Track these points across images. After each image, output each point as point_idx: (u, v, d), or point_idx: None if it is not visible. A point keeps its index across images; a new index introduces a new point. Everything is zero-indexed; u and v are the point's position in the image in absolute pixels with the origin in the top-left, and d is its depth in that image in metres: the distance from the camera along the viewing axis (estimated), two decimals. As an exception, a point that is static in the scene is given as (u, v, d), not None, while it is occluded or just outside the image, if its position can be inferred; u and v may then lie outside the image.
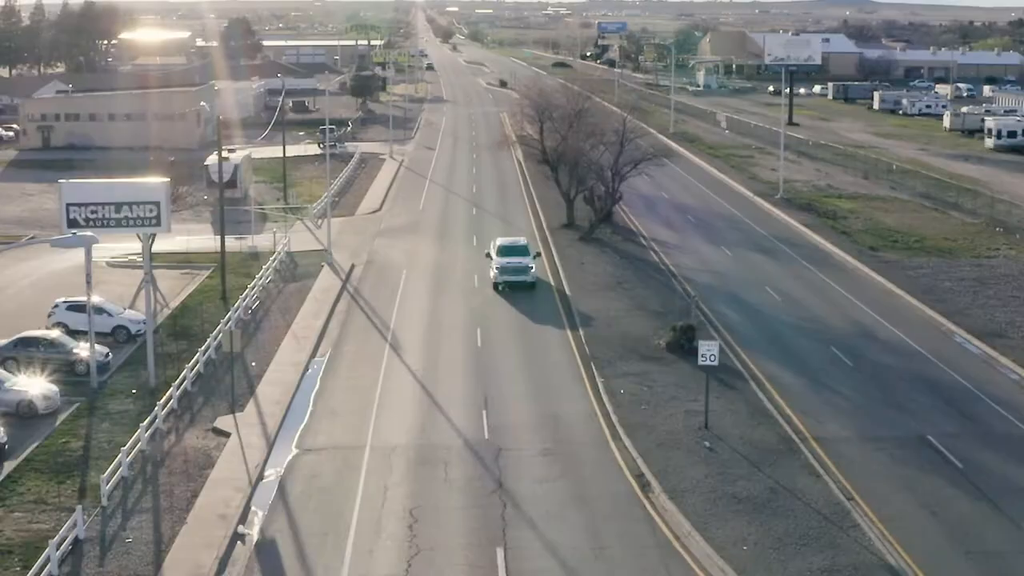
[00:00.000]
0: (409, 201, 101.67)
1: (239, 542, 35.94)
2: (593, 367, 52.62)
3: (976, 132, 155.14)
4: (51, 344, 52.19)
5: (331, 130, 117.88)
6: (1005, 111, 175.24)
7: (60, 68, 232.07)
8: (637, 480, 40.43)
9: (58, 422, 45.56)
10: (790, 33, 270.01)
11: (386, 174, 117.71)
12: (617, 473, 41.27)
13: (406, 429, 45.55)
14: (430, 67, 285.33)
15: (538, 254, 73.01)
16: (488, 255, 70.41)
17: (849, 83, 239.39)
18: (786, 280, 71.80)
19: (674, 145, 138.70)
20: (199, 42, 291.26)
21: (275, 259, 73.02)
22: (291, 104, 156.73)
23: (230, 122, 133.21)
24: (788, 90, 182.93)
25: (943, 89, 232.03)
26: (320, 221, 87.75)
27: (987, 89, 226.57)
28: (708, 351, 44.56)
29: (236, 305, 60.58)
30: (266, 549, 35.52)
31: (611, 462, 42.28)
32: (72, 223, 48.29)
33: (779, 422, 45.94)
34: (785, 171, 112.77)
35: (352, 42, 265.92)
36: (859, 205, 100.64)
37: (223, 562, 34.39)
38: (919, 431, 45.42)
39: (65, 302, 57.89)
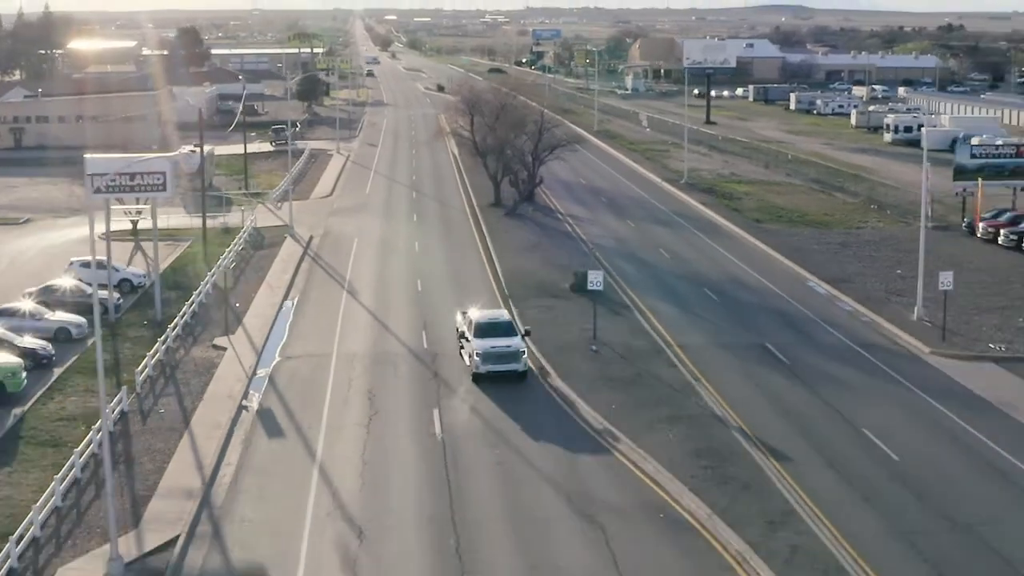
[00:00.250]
0: (357, 188, 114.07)
1: (244, 410, 48.67)
2: (511, 302, 65.66)
3: (879, 128, 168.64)
4: (71, 290, 64.27)
5: (282, 129, 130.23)
6: (908, 109, 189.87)
7: (16, 76, 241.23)
8: (539, 371, 53.54)
9: (89, 343, 57.78)
10: (717, 39, 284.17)
11: (335, 166, 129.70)
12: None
13: (363, 343, 58.52)
14: (370, 74, 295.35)
15: (527, 332, 55.88)
16: (462, 335, 55.03)
17: (769, 86, 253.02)
18: (677, 244, 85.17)
19: (592, 138, 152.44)
20: (145, 51, 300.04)
21: (245, 231, 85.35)
22: (241, 107, 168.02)
23: (187, 124, 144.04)
24: (707, 91, 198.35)
25: (860, 91, 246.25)
26: (280, 204, 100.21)
27: (902, 90, 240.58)
28: (595, 278, 57.91)
29: (219, 263, 72.85)
30: (264, 414, 48.33)
31: (521, 361, 55.36)
32: (95, 190, 60.24)
33: (652, 336, 59.33)
34: (695, 162, 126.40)
35: (295, 50, 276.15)
36: (755, 189, 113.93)
37: (234, 421, 47.14)
38: (760, 341, 58.82)
39: (78, 260, 69.99)
